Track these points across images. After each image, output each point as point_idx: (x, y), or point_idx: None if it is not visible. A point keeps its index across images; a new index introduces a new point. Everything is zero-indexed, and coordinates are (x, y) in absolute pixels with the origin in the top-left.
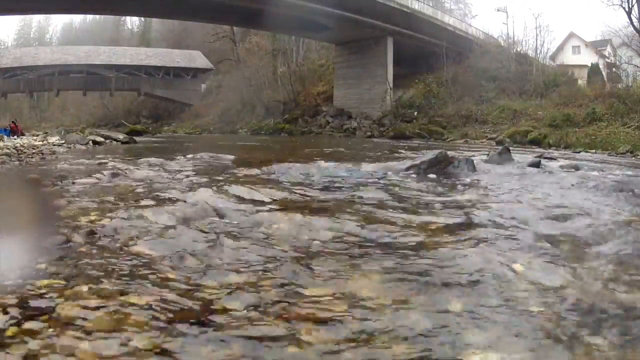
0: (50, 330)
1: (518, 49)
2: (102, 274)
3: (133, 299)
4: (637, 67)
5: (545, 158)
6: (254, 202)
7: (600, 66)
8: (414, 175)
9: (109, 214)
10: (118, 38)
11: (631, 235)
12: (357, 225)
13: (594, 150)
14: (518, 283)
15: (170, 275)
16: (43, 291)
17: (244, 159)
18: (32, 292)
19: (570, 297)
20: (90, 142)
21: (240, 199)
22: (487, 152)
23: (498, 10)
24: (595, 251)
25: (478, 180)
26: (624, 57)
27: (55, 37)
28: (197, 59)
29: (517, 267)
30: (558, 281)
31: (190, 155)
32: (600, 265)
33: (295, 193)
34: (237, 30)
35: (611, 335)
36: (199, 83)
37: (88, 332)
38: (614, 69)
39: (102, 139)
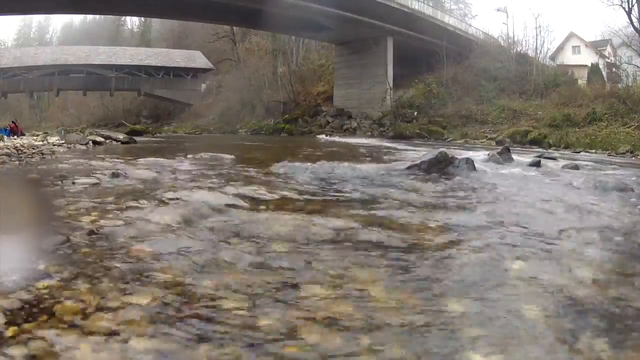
0: (51, 330)
1: (518, 49)
2: (102, 274)
3: (133, 298)
4: (637, 67)
5: (545, 158)
6: (254, 201)
7: (600, 66)
8: (414, 175)
9: (109, 214)
10: (118, 38)
11: (629, 235)
12: (357, 225)
13: (594, 150)
14: (517, 281)
15: (171, 275)
16: (43, 291)
17: (243, 159)
18: (32, 292)
19: (568, 296)
20: (90, 142)
21: (240, 199)
22: (487, 152)
23: (498, 10)
24: (593, 250)
25: (478, 180)
26: (624, 57)
27: (55, 37)
28: (197, 59)
29: (516, 266)
30: (556, 280)
31: (190, 155)
32: (597, 264)
33: (295, 192)
34: (237, 30)
35: (609, 334)
36: (199, 83)
37: (88, 333)
38: (614, 69)
39: (102, 139)
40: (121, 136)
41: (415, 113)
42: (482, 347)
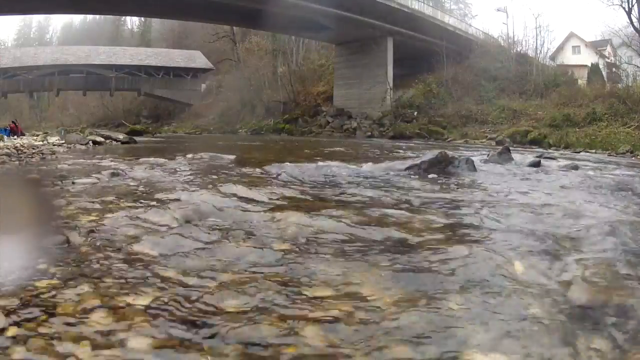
0: (51, 330)
1: (518, 49)
2: (102, 273)
3: (133, 298)
4: (637, 67)
5: (545, 158)
6: (254, 201)
7: (600, 66)
8: (414, 175)
9: (109, 214)
10: (118, 38)
11: (630, 235)
12: (357, 225)
13: (594, 150)
14: (518, 282)
15: (170, 275)
16: (43, 291)
17: (244, 159)
18: (33, 292)
19: (570, 297)
20: (90, 142)
21: (240, 199)
22: (487, 152)
23: (498, 10)
24: (595, 251)
25: (478, 180)
26: (624, 57)
27: (55, 37)
28: (197, 59)
29: (517, 266)
30: (558, 281)
31: (190, 155)
32: (599, 264)
33: (295, 193)
34: (237, 30)
35: (611, 336)
36: (199, 83)
37: (88, 332)
38: (614, 69)
39: (102, 139)
40: (121, 136)
41: (415, 113)
42: (482, 346)
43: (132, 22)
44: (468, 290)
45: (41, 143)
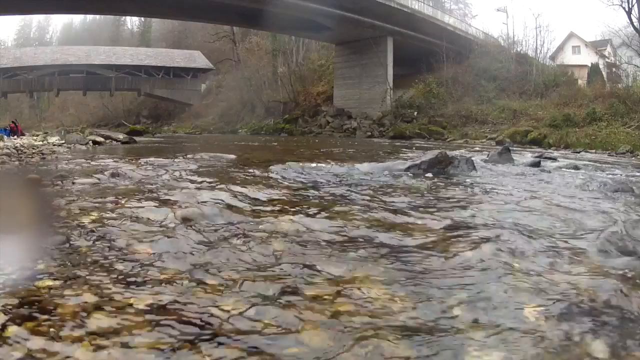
0: (51, 330)
1: (518, 49)
2: (102, 274)
3: (133, 299)
4: (637, 67)
5: (545, 158)
6: (254, 201)
7: (600, 66)
8: (413, 175)
9: (109, 214)
10: (118, 38)
11: (631, 235)
12: (357, 226)
13: (594, 150)
14: (518, 283)
15: (171, 275)
16: (43, 291)
17: (244, 159)
18: (32, 292)
19: (570, 297)
20: (91, 142)
21: (240, 199)
22: (487, 152)
23: (498, 10)
24: (596, 251)
25: (478, 180)
26: (624, 57)
27: (55, 37)
28: (197, 59)
29: (517, 266)
30: (559, 281)
31: (190, 155)
32: (600, 265)
33: (295, 193)
34: (237, 30)
35: (610, 337)
36: (199, 83)
37: (88, 333)
38: (614, 69)
39: (102, 139)
40: (121, 136)
41: (415, 113)
42: (482, 346)
43: (132, 22)
44: (468, 288)
45: (41, 143)
